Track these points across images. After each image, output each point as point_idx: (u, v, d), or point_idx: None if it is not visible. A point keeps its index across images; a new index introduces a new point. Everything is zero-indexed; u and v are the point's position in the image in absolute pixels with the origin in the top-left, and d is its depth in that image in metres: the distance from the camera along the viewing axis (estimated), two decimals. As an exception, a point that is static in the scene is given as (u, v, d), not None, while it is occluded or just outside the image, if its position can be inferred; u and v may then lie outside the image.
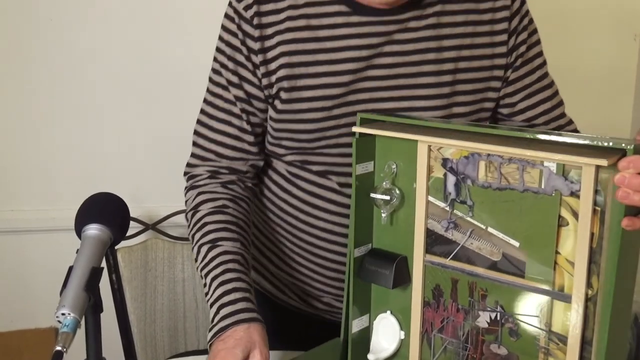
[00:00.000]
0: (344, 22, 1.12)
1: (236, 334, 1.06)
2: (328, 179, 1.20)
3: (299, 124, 1.17)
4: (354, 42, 1.13)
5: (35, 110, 1.81)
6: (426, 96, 1.13)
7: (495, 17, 1.17)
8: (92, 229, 0.99)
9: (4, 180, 1.83)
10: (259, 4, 1.14)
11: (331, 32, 1.13)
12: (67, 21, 1.77)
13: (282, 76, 1.15)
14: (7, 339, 1.88)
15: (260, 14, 1.14)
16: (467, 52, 1.15)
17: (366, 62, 1.13)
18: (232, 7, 1.17)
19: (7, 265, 1.86)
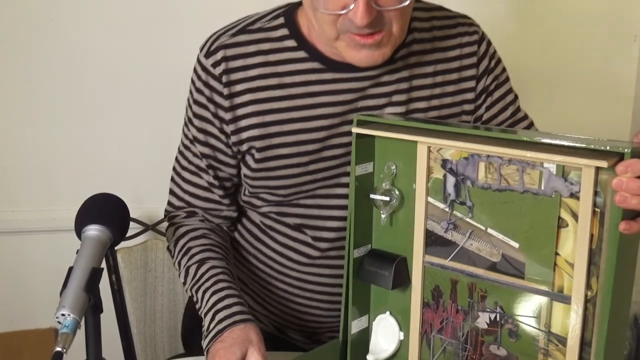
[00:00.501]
0: (318, 79, 1.13)
1: (233, 334, 1.07)
2: (302, 232, 1.22)
3: (276, 180, 1.18)
4: (328, 99, 1.14)
5: (35, 110, 1.81)
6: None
7: (463, 64, 1.20)
8: (92, 229, 0.99)
9: (4, 180, 1.83)
10: (227, 61, 1.14)
11: (305, 90, 1.13)
12: (67, 21, 1.77)
13: (255, 135, 1.15)
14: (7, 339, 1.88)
15: (229, 71, 1.14)
16: (437, 101, 1.18)
17: (340, 118, 1.15)
18: (200, 64, 1.17)
19: (7, 265, 1.86)
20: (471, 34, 1.21)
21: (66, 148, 1.83)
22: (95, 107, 1.84)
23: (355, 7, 0.98)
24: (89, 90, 1.81)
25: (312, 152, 1.16)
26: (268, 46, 1.14)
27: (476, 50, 1.21)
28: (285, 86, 1.14)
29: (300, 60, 1.14)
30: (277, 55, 1.14)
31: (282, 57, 1.14)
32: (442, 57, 1.18)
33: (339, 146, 1.17)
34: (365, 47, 1.05)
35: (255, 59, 1.14)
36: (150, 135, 1.86)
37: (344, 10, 1.00)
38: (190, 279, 1.18)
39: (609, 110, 1.95)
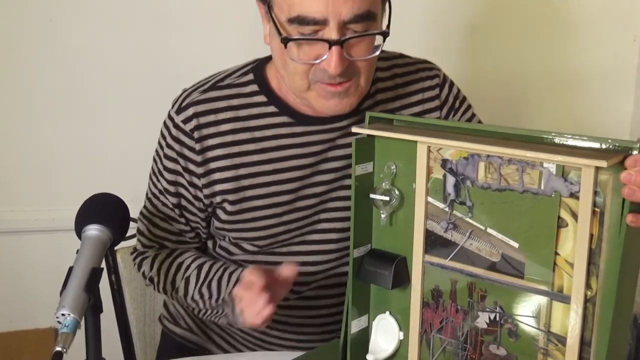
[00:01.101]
0: (288, 133, 1.17)
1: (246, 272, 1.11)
2: None
3: (251, 232, 1.21)
4: (298, 151, 1.18)
5: (35, 110, 1.81)
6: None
7: (425, 107, 1.25)
8: (92, 229, 0.99)
9: (3, 180, 1.83)
10: (197, 117, 1.17)
11: (276, 143, 1.17)
12: (67, 21, 1.77)
13: (228, 189, 1.18)
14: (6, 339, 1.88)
15: (200, 127, 1.17)
16: None
17: (311, 169, 1.19)
18: (172, 120, 1.19)
19: (7, 265, 1.86)
20: (432, 78, 1.26)
21: (66, 148, 1.83)
22: (95, 107, 1.84)
23: (329, 56, 1.03)
24: (89, 90, 1.81)
25: (286, 203, 1.20)
26: (238, 102, 1.18)
27: (438, 94, 1.25)
28: (257, 140, 1.17)
29: (270, 114, 1.18)
30: (248, 110, 1.18)
31: (252, 112, 1.17)
32: (405, 103, 1.23)
33: (312, 196, 1.21)
34: (335, 95, 1.10)
35: (226, 114, 1.17)
36: (150, 135, 1.85)
37: (317, 60, 1.05)
38: (195, 282, 1.20)
39: (609, 110, 1.95)
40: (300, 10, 1.03)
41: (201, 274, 1.21)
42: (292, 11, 1.03)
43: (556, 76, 1.91)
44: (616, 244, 0.86)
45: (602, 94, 1.94)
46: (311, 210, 1.22)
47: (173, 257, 1.26)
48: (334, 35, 1.03)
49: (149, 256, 1.27)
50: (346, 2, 1.02)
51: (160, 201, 1.26)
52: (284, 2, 1.05)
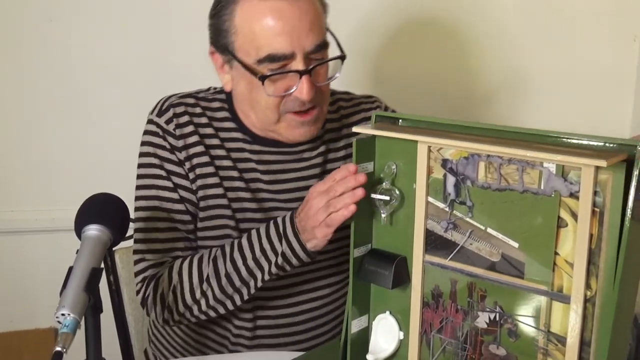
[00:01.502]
0: (248, 149, 1.29)
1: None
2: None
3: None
4: (258, 167, 1.28)
5: (35, 110, 1.81)
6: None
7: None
8: (92, 229, 0.99)
9: (4, 180, 1.83)
10: (177, 117, 1.26)
11: (238, 155, 1.28)
12: (67, 22, 1.77)
13: (207, 184, 1.26)
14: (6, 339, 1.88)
15: (181, 126, 1.26)
16: None
17: (266, 185, 1.29)
18: (154, 123, 1.28)
19: (7, 265, 1.86)
20: (375, 109, 1.39)
21: (66, 148, 1.83)
22: (95, 107, 1.84)
23: (301, 85, 1.17)
24: (89, 90, 1.81)
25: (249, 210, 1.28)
26: (210, 113, 1.29)
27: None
28: (226, 149, 1.28)
29: (235, 130, 1.29)
30: (218, 122, 1.29)
31: (222, 125, 1.29)
32: (349, 133, 1.32)
33: (275, 209, 1.30)
34: (304, 124, 1.23)
35: (201, 119, 1.28)
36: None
37: (289, 90, 1.18)
38: (222, 254, 1.21)
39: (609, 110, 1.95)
40: (269, 50, 1.16)
41: (252, 239, 1.21)
42: (261, 52, 1.16)
43: (556, 76, 1.91)
44: (616, 243, 0.86)
45: (602, 94, 1.94)
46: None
47: (198, 257, 1.24)
48: (301, 66, 1.17)
49: (162, 273, 1.25)
50: (307, 35, 1.16)
51: (163, 207, 1.26)
52: (250, 46, 1.17)
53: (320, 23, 1.20)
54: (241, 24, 1.18)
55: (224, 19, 1.20)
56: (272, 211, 1.29)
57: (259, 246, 1.19)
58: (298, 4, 1.16)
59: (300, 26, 1.16)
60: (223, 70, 1.26)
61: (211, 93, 1.32)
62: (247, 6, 1.17)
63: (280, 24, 1.15)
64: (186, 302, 1.22)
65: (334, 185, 1.08)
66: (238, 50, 1.19)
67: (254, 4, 1.16)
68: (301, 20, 1.16)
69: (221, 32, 1.21)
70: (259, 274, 1.19)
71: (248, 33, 1.17)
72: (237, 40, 1.19)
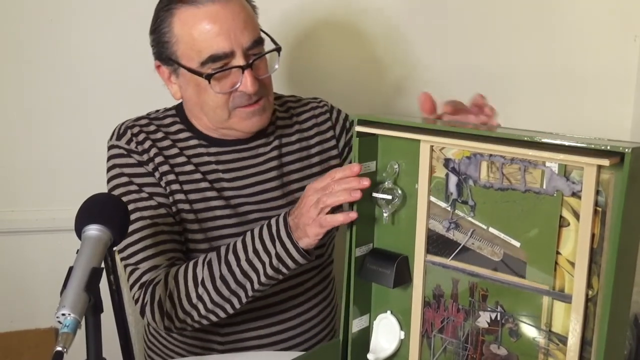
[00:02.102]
0: (206, 152, 1.35)
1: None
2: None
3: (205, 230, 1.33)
4: (218, 167, 1.34)
5: (36, 110, 1.81)
6: (274, 198, 1.37)
7: (320, 129, 1.45)
8: (92, 229, 0.98)
9: (4, 180, 1.83)
10: (135, 136, 1.33)
11: (199, 160, 1.34)
12: (68, 22, 1.76)
13: (177, 189, 1.31)
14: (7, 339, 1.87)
15: (139, 143, 1.32)
16: (306, 162, 1.42)
17: (230, 183, 1.34)
18: (116, 146, 1.33)
19: (7, 265, 1.86)
20: (322, 107, 1.48)
21: (66, 148, 1.83)
22: (96, 107, 1.84)
23: (244, 79, 1.25)
24: (89, 90, 1.81)
25: (211, 208, 1.34)
26: (165, 129, 1.36)
27: (329, 117, 1.47)
28: (186, 156, 1.34)
29: (189, 138, 1.35)
30: (173, 135, 1.36)
31: (177, 137, 1.35)
32: (301, 128, 1.44)
33: (240, 205, 1.35)
34: (255, 114, 1.30)
35: (157, 135, 1.34)
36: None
37: (235, 86, 1.26)
38: (217, 257, 1.22)
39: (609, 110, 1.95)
40: (210, 51, 1.24)
41: (245, 241, 1.22)
42: (203, 55, 1.24)
43: (556, 76, 1.91)
44: (617, 243, 0.86)
45: (603, 94, 1.93)
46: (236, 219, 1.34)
47: (193, 261, 1.25)
48: (242, 62, 1.25)
49: (159, 279, 1.24)
50: (243, 33, 1.25)
51: (145, 216, 1.27)
52: (191, 51, 1.25)
53: (252, 21, 1.29)
54: (180, 33, 1.26)
55: (164, 31, 1.28)
56: (240, 207, 1.34)
57: (252, 247, 1.19)
58: (230, 7, 1.25)
59: (235, 25, 1.24)
60: (170, 81, 1.34)
61: (161, 112, 1.41)
62: (184, 15, 1.25)
63: (216, 26, 1.23)
64: (184, 308, 1.22)
65: (331, 183, 1.08)
66: (181, 57, 1.27)
67: (189, 12, 1.25)
68: (235, 20, 1.24)
69: (163, 44, 1.29)
70: (254, 275, 1.19)
71: (188, 40, 1.25)
72: (179, 48, 1.27)
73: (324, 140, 1.45)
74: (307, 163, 1.42)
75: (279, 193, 1.37)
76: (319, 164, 1.43)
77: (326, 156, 1.45)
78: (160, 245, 1.27)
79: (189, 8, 1.25)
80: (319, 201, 1.09)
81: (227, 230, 1.33)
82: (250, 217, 1.34)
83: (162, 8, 1.29)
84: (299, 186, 1.39)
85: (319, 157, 1.43)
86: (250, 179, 1.36)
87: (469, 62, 1.87)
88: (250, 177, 1.36)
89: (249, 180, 1.36)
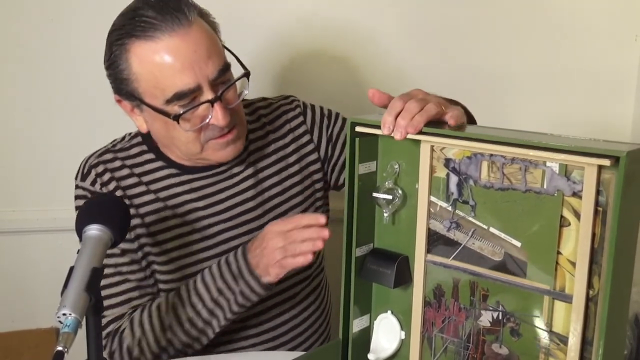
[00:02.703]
0: (178, 182, 1.28)
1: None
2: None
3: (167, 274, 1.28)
4: (191, 196, 1.28)
5: (36, 110, 1.81)
6: (253, 218, 1.32)
7: (296, 134, 1.37)
8: (92, 229, 0.99)
9: (4, 180, 1.83)
10: (100, 176, 1.27)
11: (167, 193, 1.28)
12: (68, 21, 1.76)
13: (142, 233, 1.26)
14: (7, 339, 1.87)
15: (105, 184, 1.26)
16: (288, 182, 1.35)
17: (204, 211, 1.28)
18: (80, 187, 1.29)
19: (8, 265, 1.86)
20: (294, 109, 1.39)
21: (67, 148, 1.83)
22: (96, 107, 1.84)
23: (215, 113, 1.16)
24: (89, 90, 1.81)
25: (194, 242, 1.29)
26: (131, 161, 1.29)
27: (304, 120, 1.38)
28: (152, 192, 1.27)
29: (158, 169, 1.29)
30: (140, 167, 1.29)
31: (144, 169, 1.29)
32: (276, 137, 1.36)
33: (218, 233, 1.30)
34: (229, 144, 1.22)
35: (122, 172, 1.28)
36: (150, 135, 1.86)
37: (205, 120, 1.17)
38: (180, 300, 1.21)
39: (609, 110, 1.95)
40: (175, 89, 1.14)
41: (206, 281, 1.21)
42: (167, 93, 1.15)
43: (557, 75, 1.91)
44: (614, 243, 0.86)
45: (603, 94, 1.93)
46: (220, 248, 1.30)
47: (156, 305, 1.23)
48: (210, 95, 1.16)
49: (124, 327, 1.23)
50: (207, 64, 1.15)
51: (108, 264, 1.25)
52: (155, 89, 1.16)
53: (217, 47, 1.19)
54: (140, 70, 1.16)
55: (121, 68, 1.18)
56: (218, 235, 1.29)
57: (215, 287, 1.19)
58: (191, 36, 1.15)
59: (199, 57, 1.15)
60: (134, 114, 1.25)
61: (127, 141, 1.33)
62: (140, 51, 1.15)
63: (179, 62, 1.14)
64: (154, 352, 1.22)
65: (295, 232, 1.11)
66: (144, 94, 1.18)
67: (146, 47, 1.14)
68: (197, 51, 1.15)
69: (122, 81, 1.19)
70: (220, 313, 1.20)
71: (149, 78, 1.16)
72: (140, 86, 1.17)
73: (301, 146, 1.38)
74: (285, 174, 1.35)
75: (258, 212, 1.32)
76: (298, 172, 1.37)
77: (305, 162, 1.38)
78: (125, 294, 1.25)
79: (145, 42, 1.14)
80: (284, 249, 1.11)
81: (206, 263, 1.28)
82: (231, 244, 1.30)
83: (115, 42, 1.18)
84: (279, 200, 1.34)
85: (298, 165, 1.37)
86: (225, 203, 1.30)
87: (469, 62, 1.87)
88: (225, 201, 1.30)
89: (224, 204, 1.30)
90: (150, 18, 1.14)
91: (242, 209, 1.30)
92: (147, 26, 1.14)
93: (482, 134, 0.94)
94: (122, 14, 1.20)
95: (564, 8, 1.88)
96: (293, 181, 1.36)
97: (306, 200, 1.37)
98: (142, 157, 1.30)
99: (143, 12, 1.15)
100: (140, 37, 1.14)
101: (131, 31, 1.16)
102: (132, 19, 1.16)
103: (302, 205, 1.36)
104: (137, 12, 1.16)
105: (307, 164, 1.38)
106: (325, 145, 1.39)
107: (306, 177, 1.37)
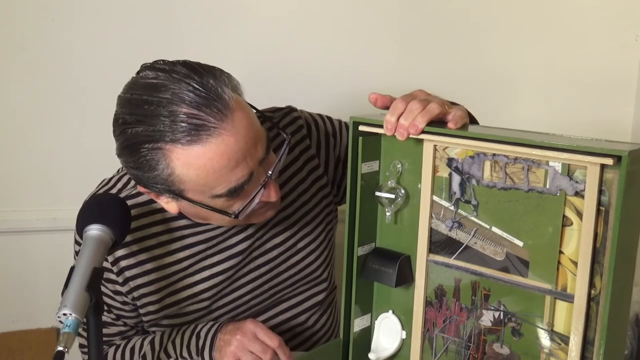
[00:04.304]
0: (191, 232, 1.19)
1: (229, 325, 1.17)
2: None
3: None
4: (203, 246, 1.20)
5: (37, 110, 1.80)
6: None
7: (301, 149, 1.25)
8: (93, 229, 0.98)
9: (5, 180, 1.82)
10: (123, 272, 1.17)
11: (182, 243, 1.19)
12: (69, 21, 1.76)
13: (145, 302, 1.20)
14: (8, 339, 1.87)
15: (127, 280, 1.18)
16: (294, 195, 1.25)
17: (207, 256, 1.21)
18: (77, 241, 1.19)
19: (9, 265, 1.85)
20: (299, 130, 1.26)
21: (67, 147, 1.83)
22: (96, 107, 1.83)
23: (267, 191, 1.06)
24: (90, 90, 1.81)
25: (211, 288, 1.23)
26: (134, 211, 1.14)
27: (306, 134, 1.27)
28: (171, 252, 1.19)
29: (162, 222, 1.19)
30: (141, 220, 1.18)
31: (143, 223, 1.18)
32: (297, 169, 1.25)
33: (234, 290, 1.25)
34: (269, 208, 1.13)
35: (143, 255, 1.18)
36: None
37: (256, 201, 1.06)
38: (152, 350, 1.21)
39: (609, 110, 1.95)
40: (228, 186, 1.02)
41: (175, 343, 1.21)
42: (218, 190, 1.03)
43: (557, 76, 1.91)
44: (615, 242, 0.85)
45: (604, 94, 1.93)
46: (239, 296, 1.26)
47: (130, 346, 1.23)
48: (263, 178, 1.06)
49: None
50: (256, 149, 1.03)
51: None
52: (203, 187, 1.02)
53: (257, 126, 1.04)
54: (185, 172, 1.00)
55: (158, 172, 1.01)
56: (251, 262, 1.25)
57: (180, 352, 1.19)
58: (236, 128, 0.99)
59: (249, 147, 1.01)
60: (163, 201, 1.10)
61: (132, 187, 1.20)
62: (186, 157, 0.99)
63: (232, 161, 1.00)
64: None
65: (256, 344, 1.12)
66: (187, 192, 1.04)
67: (193, 153, 0.98)
68: (247, 142, 1.01)
69: (157, 182, 1.03)
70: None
71: (197, 179, 1.01)
72: (185, 187, 1.03)
73: (314, 169, 1.27)
74: (303, 211, 1.27)
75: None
76: (313, 207, 1.28)
77: (316, 188, 1.28)
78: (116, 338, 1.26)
79: (190, 147, 0.98)
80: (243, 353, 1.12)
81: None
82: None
83: (145, 143, 1.00)
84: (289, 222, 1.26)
85: (314, 201, 1.28)
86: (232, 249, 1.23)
87: (471, 63, 1.87)
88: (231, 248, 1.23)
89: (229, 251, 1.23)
90: (191, 117, 0.97)
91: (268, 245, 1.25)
92: (189, 127, 0.97)
93: (485, 134, 0.94)
94: (146, 102, 1.02)
95: (565, 8, 1.88)
96: (306, 209, 1.27)
97: (318, 225, 1.31)
98: (147, 206, 1.19)
99: (179, 110, 0.98)
100: (183, 143, 0.98)
101: (170, 135, 0.98)
102: (166, 118, 0.98)
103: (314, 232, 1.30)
104: (172, 111, 0.98)
105: (318, 190, 1.29)
106: (334, 168, 1.30)
107: (318, 203, 1.29)
